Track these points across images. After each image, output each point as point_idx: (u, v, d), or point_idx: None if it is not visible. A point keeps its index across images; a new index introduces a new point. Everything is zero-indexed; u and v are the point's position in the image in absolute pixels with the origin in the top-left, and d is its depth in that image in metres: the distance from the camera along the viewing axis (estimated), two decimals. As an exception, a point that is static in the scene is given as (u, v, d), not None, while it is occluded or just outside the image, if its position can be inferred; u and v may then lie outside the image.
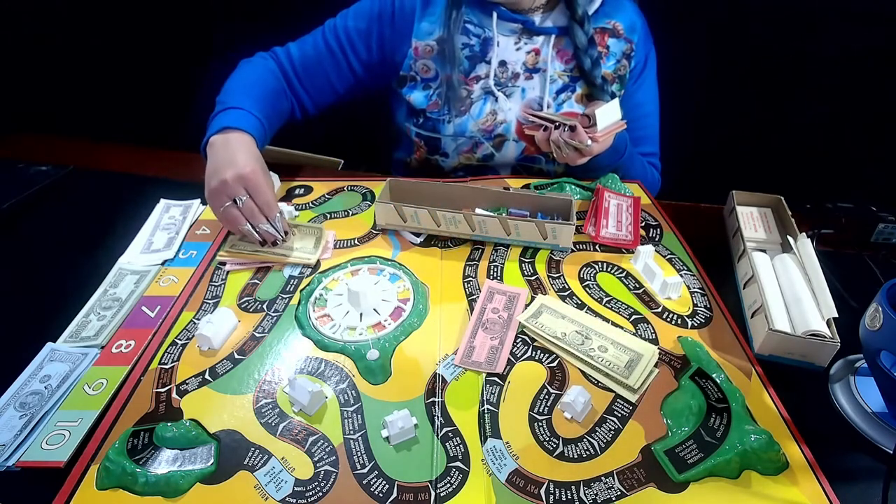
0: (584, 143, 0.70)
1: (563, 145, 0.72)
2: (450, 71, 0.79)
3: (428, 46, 0.80)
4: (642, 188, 0.80)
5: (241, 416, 0.46)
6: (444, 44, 0.79)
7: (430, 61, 0.80)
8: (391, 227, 0.68)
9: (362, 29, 0.80)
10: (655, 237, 0.70)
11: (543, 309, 0.56)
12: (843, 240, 0.72)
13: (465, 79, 0.80)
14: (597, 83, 0.80)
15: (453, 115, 0.81)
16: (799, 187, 0.78)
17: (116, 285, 0.61)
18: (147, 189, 0.77)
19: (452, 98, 0.80)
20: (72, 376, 0.50)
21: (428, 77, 0.81)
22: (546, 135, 0.74)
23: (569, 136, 0.71)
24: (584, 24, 0.78)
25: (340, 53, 0.81)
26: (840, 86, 1.25)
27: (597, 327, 0.54)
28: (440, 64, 0.80)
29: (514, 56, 0.80)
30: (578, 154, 0.72)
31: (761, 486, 0.42)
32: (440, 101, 0.81)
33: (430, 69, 0.81)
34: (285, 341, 0.53)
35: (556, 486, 0.42)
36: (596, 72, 0.80)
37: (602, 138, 0.71)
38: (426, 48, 0.80)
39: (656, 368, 0.51)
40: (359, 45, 0.81)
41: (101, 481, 0.41)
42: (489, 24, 0.79)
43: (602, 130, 0.71)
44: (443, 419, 0.46)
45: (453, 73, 0.79)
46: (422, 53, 0.80)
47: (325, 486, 0.41)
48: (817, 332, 0.52)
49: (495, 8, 0.78)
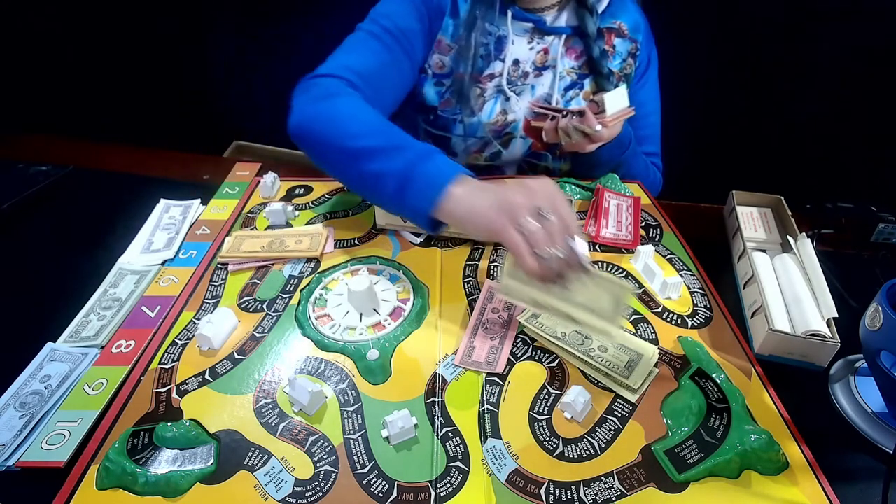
0: (594, 127, 0.70)
1: (573, 131, 0.71)
2: (464, 69, 0.79)
3: (448, 45, 0.79)
4: (642, 188, 0.80)
5: (241, 416, 0.46)
6: (464, 43, 0.78)
7: (445, 57, 0.80)
8: (391, 227, 0.68)
9: (417, 29, 0.77)
10: (655, 237, 0.70)
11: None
12: (843, 240, 0.72)
13: (478, 77, 0.80)
14: (604, 72, 0.81)
15: (465, 114, 0.81)
16: (799, 187, 0.79)
17: (116, 285, 0.61)
18: (147, 189, 0.77)
19: (465, 97, 0.80)
20: (72, 376, 0.50)
21: (440, 73, 0.81)
22: (553, 124, 0.74)
23: (578, 122, 0.70)
24: (594, 14, 0.79)
25: (406, 59, 0.76)
26: (840, 86, 1.26)
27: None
28: (456, 62, 0.80)
29: (527, 55, 0.81)
30: (588, 140, 0.72)
31: (761, 486, 0.42)
32: (452, 100, 0.81)
33: (444, 66, 0.80)
34: (285, 341, 0.53)
35: (556, 486, 0.42)
36: (604, 62, 0.80)
37: (611, 123, 0.71)
38: (447, 45, 0.80)
39: (656, 368, 0.51)
40: (417, 47, 0.77)
41: (101, 481, 0.41)
42: (504, 22, 0.79)
43: (611, 116, 0.71)
44: (443, 419, 0.46)
45: (467, 72, 0.79)
46: (442, 49, 0.80)
47: (325, 486, 0.41)
48: (817, 332, 0.52)
49: (510, 7, 0.79)
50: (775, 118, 1.34)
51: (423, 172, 0.54)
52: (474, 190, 0.53)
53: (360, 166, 0.57)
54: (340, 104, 0.63)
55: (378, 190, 0.58)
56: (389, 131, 0.59)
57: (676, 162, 0.93)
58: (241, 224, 0.70)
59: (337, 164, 0.62)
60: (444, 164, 0.55)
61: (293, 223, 0.70)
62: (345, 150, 0.59)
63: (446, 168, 0.54)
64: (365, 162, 0.57)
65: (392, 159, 0.56)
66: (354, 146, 0.58)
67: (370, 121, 0.61)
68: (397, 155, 0.56)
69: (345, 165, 0.60)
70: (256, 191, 0.77)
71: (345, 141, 0.59)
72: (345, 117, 0.61)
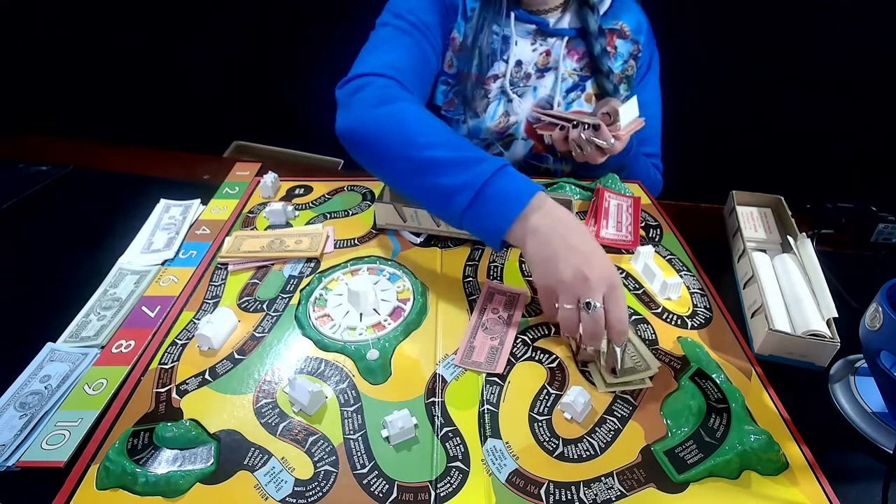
0: (609, 141, 0.69)
1: (585, 144, 0.71)
2: (469, 70, 0.79)
3: (459, 44, 0.80)
4: (642, 188, 0.80)
5: (241, 416, 0.46)
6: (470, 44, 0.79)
7: (455, 57, 0.80)
8: (391, 227, 0.68)
9: (439, 24, 0.77)
10: (655, 237, 0.70)
11: None
12: (843, 240, 0.72)
13: (483, 78, 0.81)
14: (604, 70, 0.81)
15: (469, 115, 0.81)
16: (799, 187, 0.78)
17: (116, 285, 0.61)
18: (147, 189, 0.77)
19: (469, 98, 0.80)
20: (72, 376, 0.50)
21: (448, 73, 0.81)
22: (562, 134, 0.73)
23: (592, 135, 0.70)
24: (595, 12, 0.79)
25: (433, 54, 0.76)
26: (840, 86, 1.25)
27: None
28: (462, 62, 0.80)
29: (529, 56, 0.81)
30: (600, 153, 0.72)
31: (761, 487, 0.42)
32: (456, 101, 0.81)
33: (452, 65, 0.81)
34: (285, 341, 0.53)
35: (556, 487, 0.42)
36: (605, 59, 0.81)
37: (625, 136, 0.71)
38: (458, 44, 0.80)
39: (649, 382, 0.50)
40: (440, 42, 0.78)
41: (101, 481, 0.41)
42: (507, 24, 0.79)
43: (625, 128, 0.71)
44: (443, 419, 0.46)
45: (471, 72, 0.79)
46: (454, 46, 0.80)
47: (325, 486, 0.41)
48: (817, 332, 0.52)
49: (513, 9, 0.79)
50: (775, 118, 1.34)
51: (498, 191, 0.52)
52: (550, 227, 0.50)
53: (428, 178, 0.55)
54: (405, 109, 0.60)
55: (445, 204, 0.54)
56: (459, 142, 0.56)
57: (676, 162, 0.93)
58: (241, 224, 0.70)
59: (399, 172, 0.58)
60: (520, 182, 0.52)
61: (293, 223, 0.70)
62: (411, 159, 0.56)
63: (523, 186, 0.52)
64: (434, 174, 0.54)
65: (463, 173, 0.53)
66: (423, 156, 0.55)
67: (438, 130, 0.58)
68: (469, 168, 0.53)
69: (409, 175, 0.57)
70: (256, 191, 0.77)
71: (411, 150, 0.56)
72: (411, 124, 0.58)
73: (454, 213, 0.54)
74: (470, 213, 0.53)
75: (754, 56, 1.30)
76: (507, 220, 0.51)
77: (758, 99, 1.34)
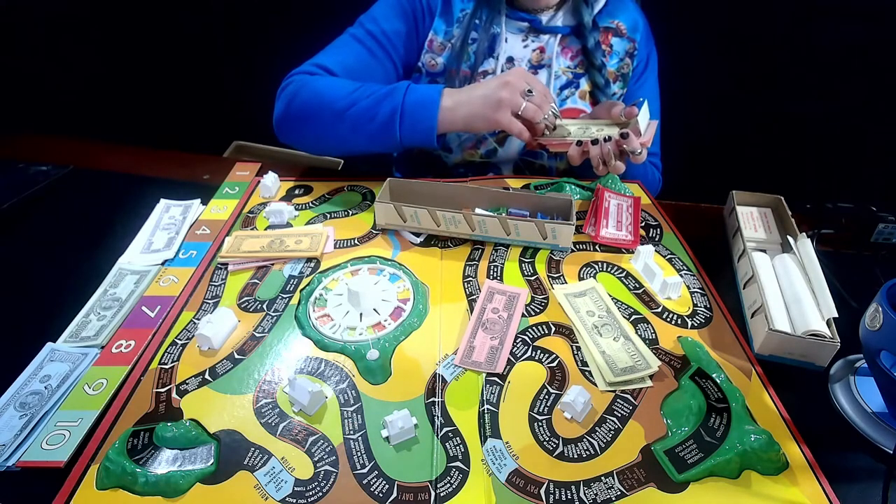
0: (637, 150, 0.67)
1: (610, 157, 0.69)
2: (457, 66, 0.80)
3: (441, 44, 0.80)
4: (642, 188, 0.80)
5: (241, 416, 0.46)
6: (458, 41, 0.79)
7: (438, 56, 0.81)
8: (391, 226, 0.68)
9: (403, 31, 0.79)
10: (655, 237, 0.70)
11: (590, 292, 0.58)
12: (843, 240, 0.72)
13: (470, 73, 0.80)
14: (597, 63, 0.81)
15: None
16: (799, 187, 0.79)
17: (116, 285, 0.61)
18: (147, 189, 0.77)
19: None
20: (72, 376, 0.50)
21: (434, 72, 0.82)
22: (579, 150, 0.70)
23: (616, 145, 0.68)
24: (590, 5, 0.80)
25: (388, 60, 0.79)
26: (840, 86, 1.26)
27: (624, 326, 0.54)
28: (449, 60, 0.80)
29: (521, 53, 0.81)
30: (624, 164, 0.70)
31: (761, 486, 0.42)
32: None
33: (437, 64, 0.81)
34: (285, 341, 0.53)
35: (556, 486, 0.42)
36: (598, 53, 0.81)
37: (648, 142, 0.69)
38: (440, 44, 0.80)
39: (649, 381, 0.50)
40: (401, 48, 0.80)
41: (101, 481, 0.41)
42: (498, 20, 0.80)
43: (647, 136, 0.69)
44: (443, 419, 0.46)
45: (460, 69, 0.80)
46: (434, 48, 0.80)
47: (325, 486, 0.41)
48: (817, 332, 0.52)
49: (506, 8, 0.79)
50: (775, 118, 1.34)
51: (413, 102, 0.65)
52: (461, 97, 0.65)
53: (362, 129, 0.67)
54: (315, 83, 0.71)
55: (385, 139, 0.67)
56: (364, 87, 0.68)
57: (676, 162, 0.93)
58: (241, 224, 0.70)
59: (331, 132, 0.69)
60: (425, 88, 0.65)
61: (293, 223, 0.70)
62: (335, 113, 0.67)
63: (429, 90, 0.64)
64: (364, 123, 0.66)
65: (381, 105, 0.65)
66: (342, 107, 0.67)
67: (345, 85, 0.69)
68: (383, 100, 0.66)
69: (339, 130, 0.68)
70: (256, 191, 0.77)
71: (333, 106, 0.67)
72: (323, 90, 0.69)
73: (394, 140, 0.66)
74: (404, 133, 0.66)
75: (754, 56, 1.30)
76: (432, 118, 0.65)
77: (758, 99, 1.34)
